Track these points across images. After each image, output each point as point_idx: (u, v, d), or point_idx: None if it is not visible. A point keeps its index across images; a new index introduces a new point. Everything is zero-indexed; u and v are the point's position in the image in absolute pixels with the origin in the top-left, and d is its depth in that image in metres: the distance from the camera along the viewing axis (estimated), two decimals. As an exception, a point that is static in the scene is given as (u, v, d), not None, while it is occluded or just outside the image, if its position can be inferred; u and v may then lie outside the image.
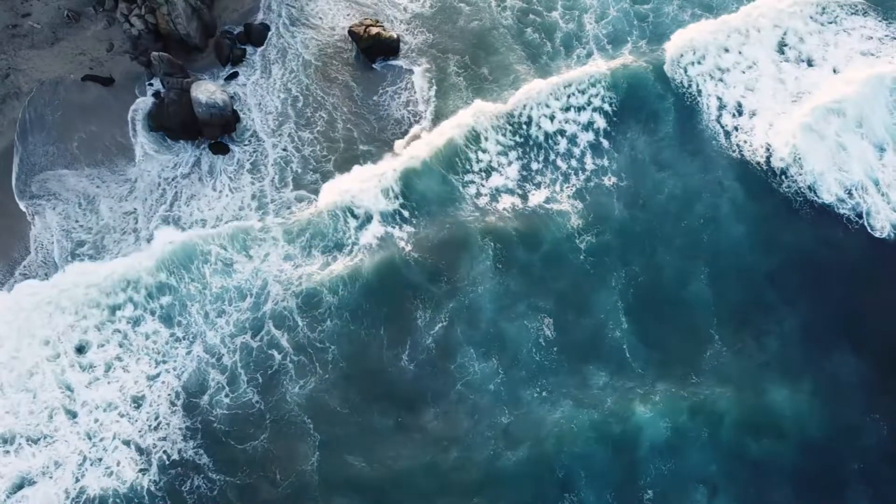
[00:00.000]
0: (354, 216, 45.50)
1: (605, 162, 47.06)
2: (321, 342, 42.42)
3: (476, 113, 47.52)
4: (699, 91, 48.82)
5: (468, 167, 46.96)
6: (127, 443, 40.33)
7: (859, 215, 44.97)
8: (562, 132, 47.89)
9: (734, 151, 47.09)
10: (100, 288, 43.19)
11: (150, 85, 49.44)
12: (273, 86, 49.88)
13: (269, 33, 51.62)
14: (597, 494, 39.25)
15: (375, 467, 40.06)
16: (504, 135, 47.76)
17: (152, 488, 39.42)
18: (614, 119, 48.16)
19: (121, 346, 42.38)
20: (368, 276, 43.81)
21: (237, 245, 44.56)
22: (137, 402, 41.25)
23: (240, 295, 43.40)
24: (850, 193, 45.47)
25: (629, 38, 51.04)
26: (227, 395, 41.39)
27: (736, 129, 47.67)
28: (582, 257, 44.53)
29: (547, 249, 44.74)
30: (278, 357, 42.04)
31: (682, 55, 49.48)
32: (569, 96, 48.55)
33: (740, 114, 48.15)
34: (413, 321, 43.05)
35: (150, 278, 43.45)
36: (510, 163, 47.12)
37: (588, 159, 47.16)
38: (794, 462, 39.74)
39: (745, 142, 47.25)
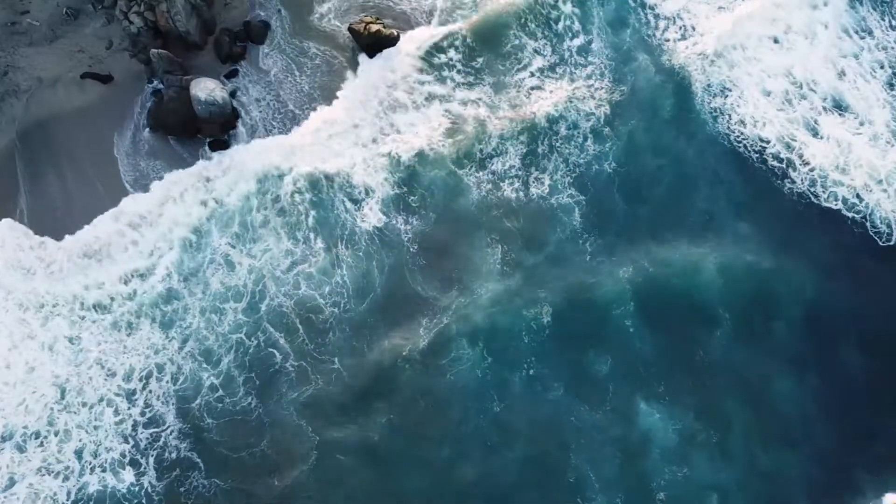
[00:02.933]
0: (354, 200, 45.81)
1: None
2: (322, 348, 42.68)
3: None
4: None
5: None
6: (124, 442, 40.51)
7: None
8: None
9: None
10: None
11: (150, 83, 49.17)
12: (271, 83, 49.54)
13: (270, 30, 51.27)
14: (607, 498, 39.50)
15: (372, 467, 40.32)
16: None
17: (149, 489, 39.49)
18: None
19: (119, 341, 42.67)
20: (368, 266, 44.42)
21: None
22: (134, 400, 41.35)
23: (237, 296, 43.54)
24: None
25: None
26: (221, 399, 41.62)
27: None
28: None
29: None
30: (278, 357, 42.26)
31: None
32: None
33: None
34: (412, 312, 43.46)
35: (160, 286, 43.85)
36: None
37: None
38: (803, 466, 40.04)
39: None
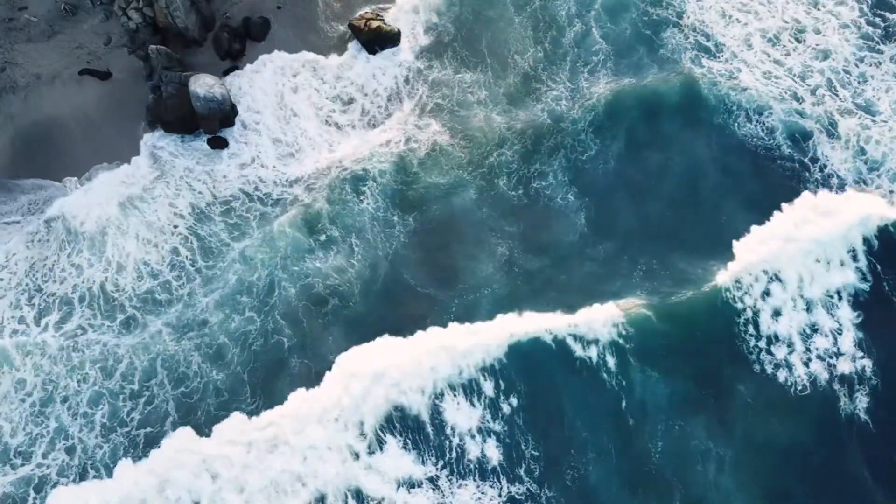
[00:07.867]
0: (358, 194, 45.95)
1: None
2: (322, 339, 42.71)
3: None
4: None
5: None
6: (122, 438, 40.55)
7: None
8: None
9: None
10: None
11: (149, 80, 48.86)
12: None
13: (270, 28, 51.03)
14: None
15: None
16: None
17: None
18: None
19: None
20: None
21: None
22: (135, 398, 41.30)
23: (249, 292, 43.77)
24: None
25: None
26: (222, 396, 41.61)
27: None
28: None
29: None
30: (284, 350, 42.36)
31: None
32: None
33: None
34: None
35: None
36: None
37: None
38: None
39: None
